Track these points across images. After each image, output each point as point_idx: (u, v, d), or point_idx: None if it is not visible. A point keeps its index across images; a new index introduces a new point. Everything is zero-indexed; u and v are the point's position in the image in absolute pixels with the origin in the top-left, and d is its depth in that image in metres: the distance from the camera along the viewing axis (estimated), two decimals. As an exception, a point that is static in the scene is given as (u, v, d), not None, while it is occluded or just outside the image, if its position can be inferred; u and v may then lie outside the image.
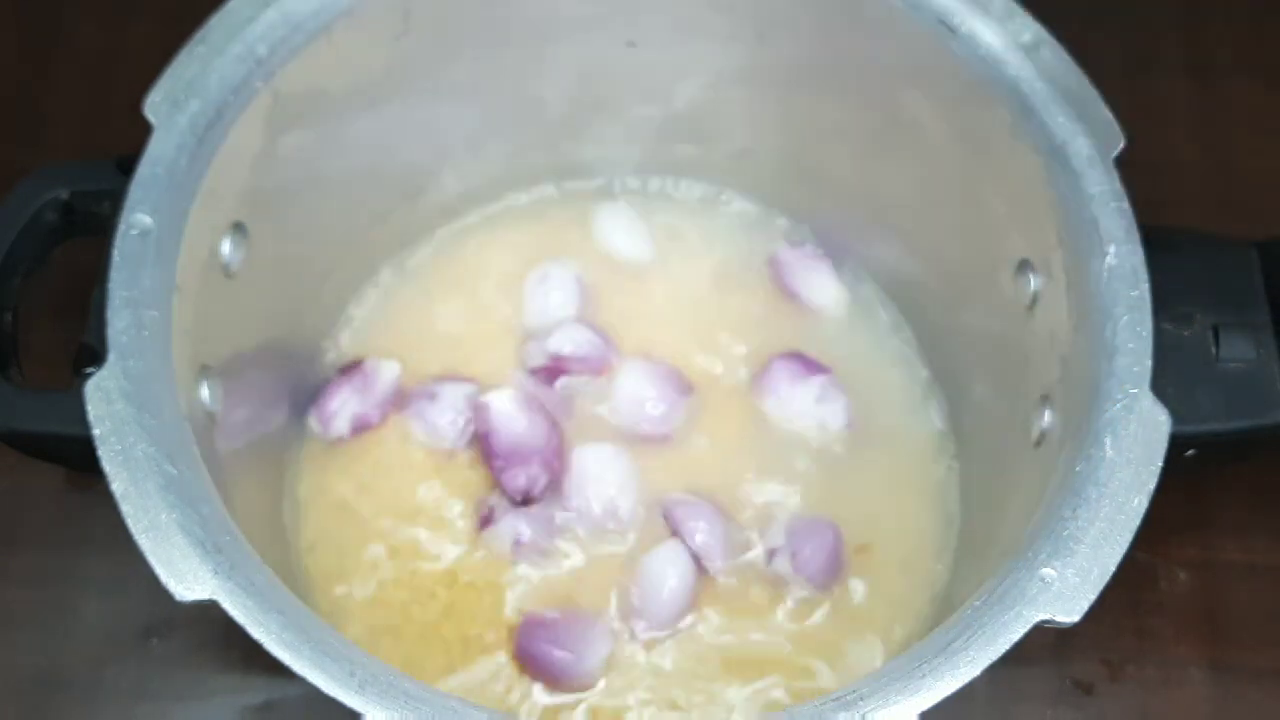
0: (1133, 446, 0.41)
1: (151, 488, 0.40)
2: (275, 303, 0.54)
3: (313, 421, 0.57)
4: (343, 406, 0.57)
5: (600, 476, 0.55)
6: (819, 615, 0.54)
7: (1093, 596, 0.39)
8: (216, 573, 0.39)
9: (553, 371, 0.58)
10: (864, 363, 0.59)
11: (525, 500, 0.55)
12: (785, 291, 0.61)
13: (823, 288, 0.61)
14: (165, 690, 0.56)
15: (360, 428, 0.57)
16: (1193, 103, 0.70)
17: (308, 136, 0.51)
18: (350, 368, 0.58)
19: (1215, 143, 0.69)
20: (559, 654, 0.52)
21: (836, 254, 0.61)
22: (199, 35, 0.47)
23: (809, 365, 0.58)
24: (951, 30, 0.48)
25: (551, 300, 0.59)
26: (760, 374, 0.58)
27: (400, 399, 0.57)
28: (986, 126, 0.48)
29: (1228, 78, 0.71)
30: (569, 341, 0.57)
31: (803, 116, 0.57)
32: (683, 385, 0.58)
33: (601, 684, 0.52)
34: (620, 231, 0.62)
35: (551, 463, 0.55)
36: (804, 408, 0.57)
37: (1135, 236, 0.45)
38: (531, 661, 0.52)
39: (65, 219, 0.49)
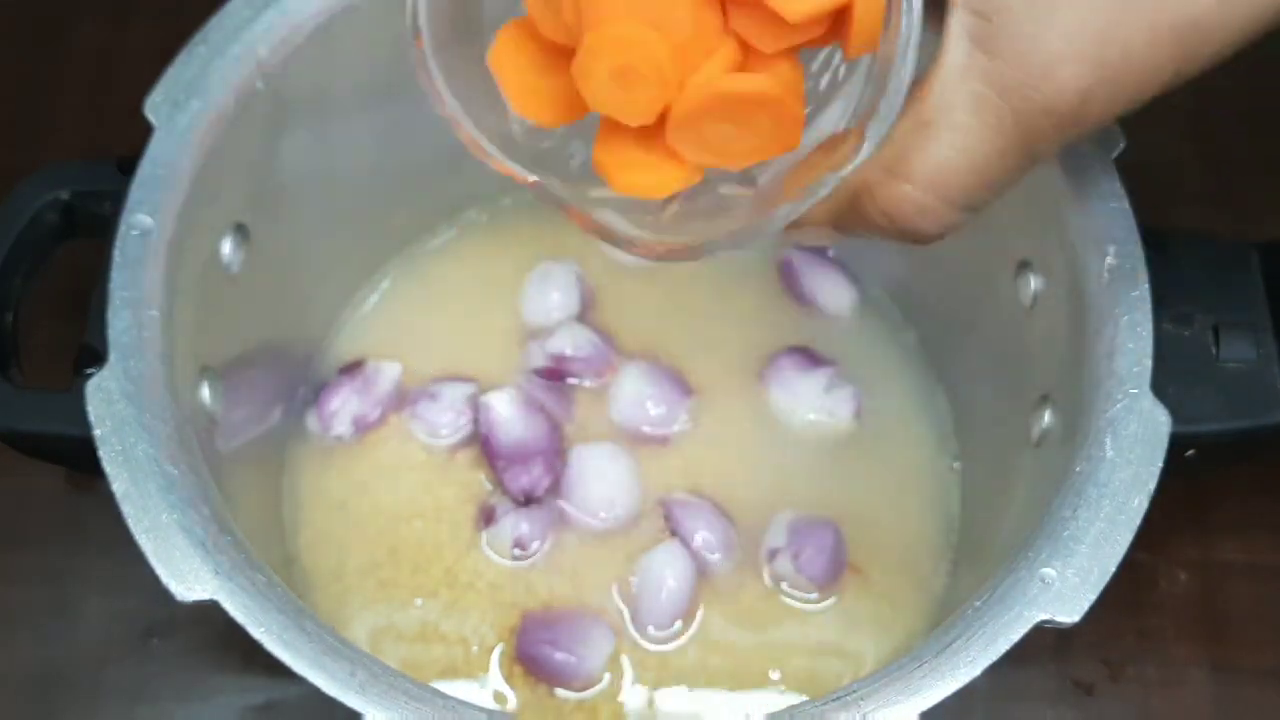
0: (1133, 446, 0.41)
1: (152, 488, 0.40)
2: (276, 303, 0.54)
3: (313, 421, 0.57)
4: (343, 407, 0.57)
5: (600, 475, 0.55)
6: (820, 615, 0.54)
7: (1093, 597, 0.39)
8: (217, 573, 0.39)
9: (554, 372, 0.58)
10: (867, 363, 0.59)
11: (527, 500, 0.55)
12: (792, 293, 0.61)
13: (834, 291, 0.61)
14: (166, 690, 0.56)
15: (361, 428, 0.57)
16: (1192, 103, 0.70)
17: (308, 137, 0.51)
18: (351, 368, 0.58)
19: (1215, 143, 0.68)
20: (560, 654, 0.52)
21: (838, 256, 0.61)
22: (199, 35, 0.47)
23: (815, 358, 0.58)
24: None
25: (552, 300, 0.59)
26: (766, 367, 0.58)
27: (401, 399, 0.57)
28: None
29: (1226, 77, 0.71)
30: (570, 343, 0.57)
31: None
32: (683, 386, 0.58)
33: (602, 684, 0.52)
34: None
35: (553, 463, 0.55)
36: (812, 397, 0.57)
37: (1135, 237, 0.45)
38: (532, 662, 0.52)
39: (66, 219, 0.48)
